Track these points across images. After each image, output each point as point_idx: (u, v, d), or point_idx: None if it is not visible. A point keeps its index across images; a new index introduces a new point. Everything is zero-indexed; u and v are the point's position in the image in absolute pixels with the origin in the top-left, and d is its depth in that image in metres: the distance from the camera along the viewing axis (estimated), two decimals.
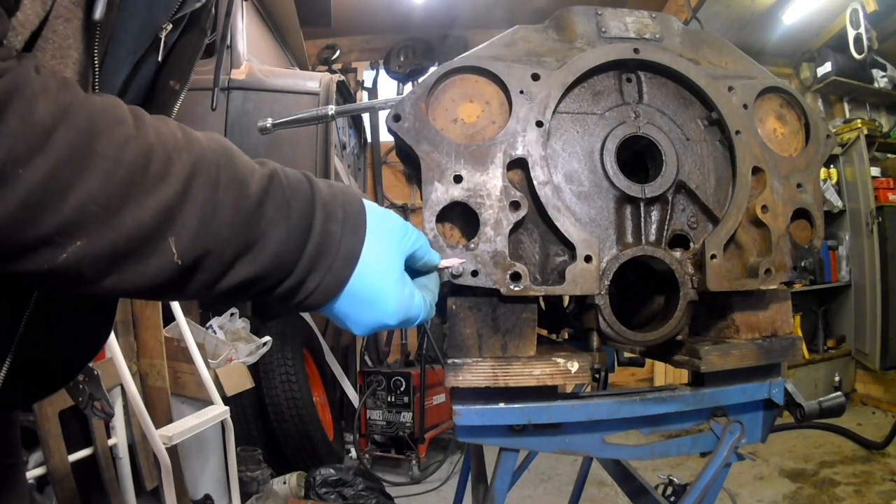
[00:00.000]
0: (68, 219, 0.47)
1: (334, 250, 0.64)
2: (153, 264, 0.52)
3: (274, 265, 0.60)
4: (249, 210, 0.57)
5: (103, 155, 0.49)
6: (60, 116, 0.47)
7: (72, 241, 0.48)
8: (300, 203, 0.62)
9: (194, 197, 0.53)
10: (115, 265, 0.51)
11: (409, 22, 5.53)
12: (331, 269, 0.64)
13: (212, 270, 0.56)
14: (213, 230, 0.54)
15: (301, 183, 0.63)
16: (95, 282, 0.51)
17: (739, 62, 1.06)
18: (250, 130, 3.01)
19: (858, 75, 5.19)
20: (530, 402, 0.91)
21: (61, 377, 0.84)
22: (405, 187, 5.77)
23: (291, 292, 0.63)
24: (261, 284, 0.61)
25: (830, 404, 1.04)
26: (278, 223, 0.59)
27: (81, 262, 0.49)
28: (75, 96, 0.50)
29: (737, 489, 3.28)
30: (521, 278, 0.88)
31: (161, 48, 0.73)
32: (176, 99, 0.83)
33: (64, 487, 2.08)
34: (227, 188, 0.56)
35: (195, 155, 0.55)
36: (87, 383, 1.20)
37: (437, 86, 0.92)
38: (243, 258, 0.58)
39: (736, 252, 0.98)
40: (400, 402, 3.94)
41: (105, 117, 0.50)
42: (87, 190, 0.47)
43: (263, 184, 0.59)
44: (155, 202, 0.51)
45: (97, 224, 0.48)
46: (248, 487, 2.95)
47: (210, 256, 0.55)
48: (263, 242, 0.58)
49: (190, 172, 0.53)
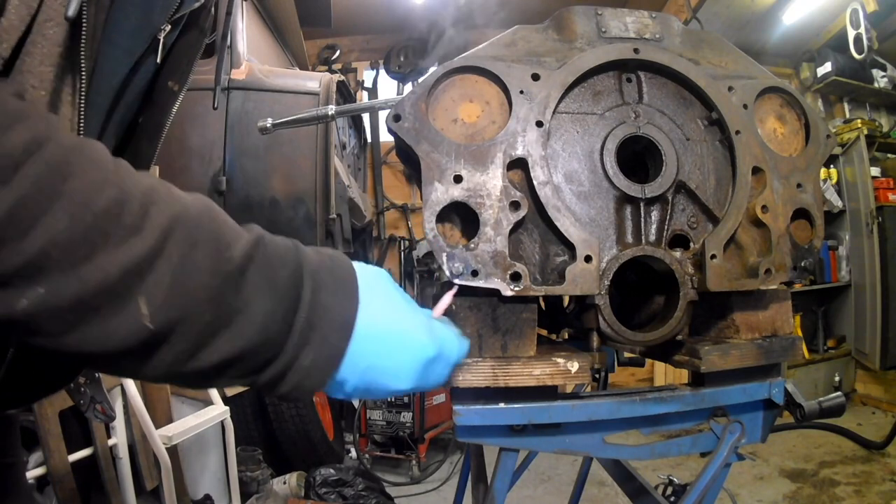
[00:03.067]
0: (28, 261, 0.43)
1: (327, 321, 0.57)
2: (121, 325, 0.47)
3: (260, 341, 0.54)
4: (231, 275, 0.52)
5: (72, 197, 0.45)
6: (33, 149, 0.44)
7: (31, 287, 0.44)
8: (287, 272, 0.56)
9: (169, 254, 0.49)
10: (78, 321, 0.46)
11: (409, 22, 5.53)
12: (325, 341, 0.57)
13: (187, 340, 0.50)
14: (189, 292, 0.49)
15: (288, 250, 0.58)
16: (57, 336, 0.46)
17: (739, 62, 1.06)
18: (250, 130, 3.02)
19: (858, 75, 5.19)
20: (530, 402, 0.91)
21: (61, 377, 0.84)
22: (405, 187, 5.77)
23: (281, 375, 0.56)
24: (245, 365, 0.54)
25: (830, 404, 1.04)
26: (263, 292, 0.54)
27: (41, 311, 0.45)
28: (53, 131, 0.46)
29: (737, 489, 3.28)
30: (521, 278, 0.88)
31: (160, 49, 0.73)
32: (175, 99, 0.82)
33: (64, 487, 2.08)
34: (207, 249, 0.51)
35: (175, 210, 0.50)
36: (89, 385, 1.21)
37: (437, 86, 0.92)
38: (224, 331, 0.52)
39: (736, 252, 0.98)
40: (400, 401, 3.94)
41: (80, 157, 0.47)
42: (50, 232, 0.44)
43: (247, 249, 0.54)
44: (125, 255, 0.47)
45: (59, 271, 0.44)
46: (248, 487, 2.95)
47: (185, 323, 0.50)
48: (247, 314, 0.53)
49: (167, 228, 0.49)
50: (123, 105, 0.74)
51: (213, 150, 3.04)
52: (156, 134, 0.83)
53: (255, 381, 0.57)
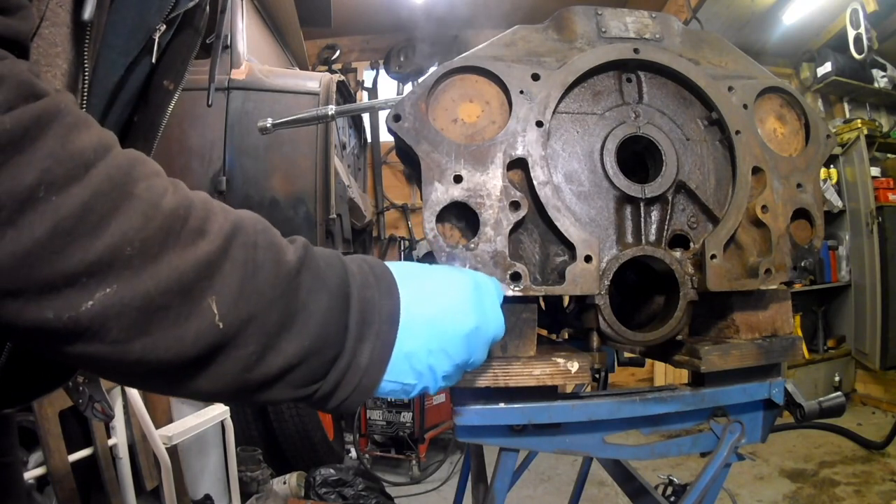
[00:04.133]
0: (100, 257, 0.42)
1: (378, 316, 0.59)
2: (192, 326, 0.47)
3: (322, 340, 0.54)
4: (290, 275, 0.53)
5: (142, 198, 0.45)
6: (102, 152, 0.45)
7: (101, 286, 0.43)
8: (335, 273, 0.58)
9: (234, 256, 0.49)
10: (148, 322, 0.45)
11: (409, 22, 5.52)
12: (378, 335, 0.59)
13: (256, 342, 0.50)
14: (256, 292, 0.50)
15: (331, 255, 0.60)
16: (122, 342, 0.45)
17: (739, 62, 1.06)
18: (250, 130, 3.02)
19: (858, 75, 5.19)
20: (530, 402, 0.91)
21: (59, 376, 0.84)
22: (405, 187, 5.77)
23: (343, 376, 0.57)
24: (310, 368, 0.55)
25: (830, 404, 1.04)
26: (318, 293, 0.55)
27: (110, 312, 0.43)
28: (115, 140, 0.48)
29: (737, 489, 3.28)
30: (521, 278, 0.87)
31: (155, 49, 0.73)
32: (170, 99, 0.82)
33: (64, 487, 2.08)
34: (267, 251, 0.52)
35: (233, 217, 0.52)
36: (87, 385, 1.20)
37: (437, 86, 0.92)
38: (287, 333, 0.52)
39: (736, 252, 0.98)
40: (400, 401, 3.94)
41: (145, 166, 0.48)
42: (123, 228, 0.44)
43: (300, 253, 0.56)
44: (194, 255, 0.47)
45: (131, 269, 0.44)
46: (248, 487, 2.95)
47: (254, 323, 0.50)
48: (307, 314, 0.54)
49: (230, 232, 0.50)
50: (119, 105, 0.74)
51: (213, 150, 3.04)
52: (151, 133, 0.83)
53: (318, 389, 0.56)
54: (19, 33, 0.47)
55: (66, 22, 0.60)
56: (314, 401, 0.58)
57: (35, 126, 0.41)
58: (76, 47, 0.61)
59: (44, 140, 0.41)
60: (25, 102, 0.42)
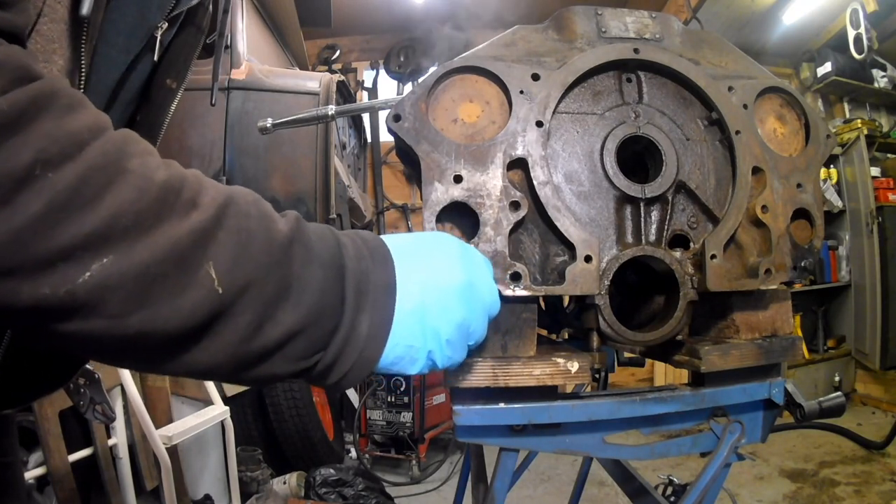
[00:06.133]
0: (95, 230, 0.43)
1: (373, 286, 0.59)
2: (190, 297, 0.47)
3: (319, 308, 0.55)
4: (283, 246, 0.54)
5: (136, 172, 0.46)
6: (96, 131, 0.46)
7: (97, 258, 0.43)
8: (327, 244, 0.58)
9: (228, 225, 0.50)
10: (146, 294, 0.45)
11: (409, 22, 5.53)
12: (376, 305, 0.59)
13: (253, 311, 0.51)
14: (252, 258, 0.51)
15: (323, 228, 0.60)
16: (120, 316, 0.45)
17: (739, 62, 1.06)
18: (250, 130, 3.02)
19: (858, 75, 5.19)
20: (530, 402, 0.91)
21: (59, 377, 0.84)
22: (405, 187, 5.78)
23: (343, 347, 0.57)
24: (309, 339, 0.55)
25: (830, 404, 1.04)
26: (312, 264, 0.55)
27: (106, 284, 0.43)
28: (109, 121, 0.49)
29: (737, 489, 3.28)
30: (521, 278, 0.88)
31: (157, 47, 0.73)
32: (173, 97, 0.82)
33: (64, 487, 2.08)
34: (260, 221, 0.53)
35: (225, 190, 0.53)
36: (88, 387, 1.20)
37: (437, 86, 0.92)
38: (284, 302, 0.52)
39: (736, 252, 0.98)
40: (400, 402, 3.94)
41: (138, 145, 0.49)
42: (117, 202, 0.44)
43: (292, 224, 0.56)
44: (190, 223, 0.48)
45: (127, 241, 0.44)
46: (248, 487, 2.95)
47: (251, 291, 0.50)
48: (302, 284, 0.54)
49: (222, 202, 0.51)
50: (120, 103, 0.74)
51: (213, 149, 3.04)
52: (153, 132, 0.83)
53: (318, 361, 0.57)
54: (16, 27, 0.48)
55: (64, 18, 0.60)
56: (315, 374, 0.58)
57: (31, 108, 0.42)
58: (73, 43, 0.62)
59: (39, 121, 0.43)
60: (20, 85, 0.43)
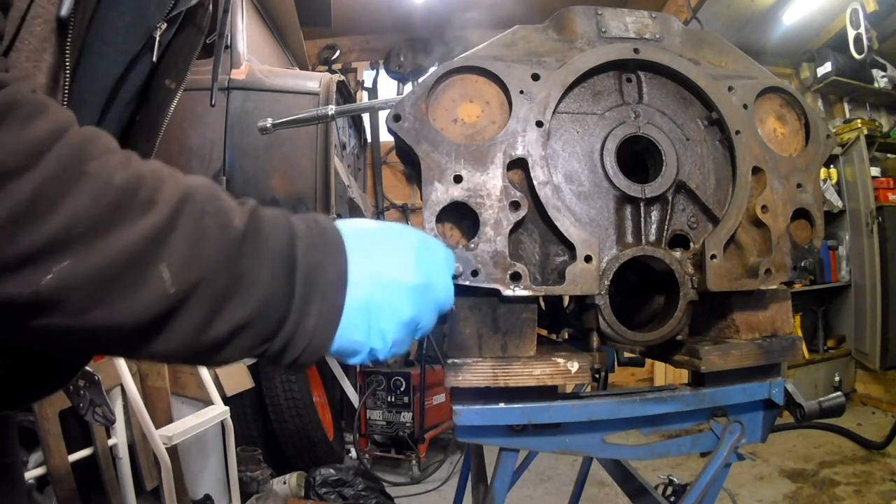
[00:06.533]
0: (54, 236, 0.45)
1: (322, 278, 0.60)
2: (143, 295, 0.50)
3: (267, 303, 0.56)
4: (235, 242, 0.55)
5: (93, 176, 0.48)
6: (55, 137, 0.47)
7: (56, 261, 0.46)
8: (281, 238, 0.59)
9: (182, 224, 0.52)
10: (103, 293, 0.48)
11: (409, 22, 5.52)
12: (325, 297, 0.60)
13: (204, 306, 0.53)
14: (203, 257, 0.53)
15: (278, 217, 0.61)
16: (81, 313, 0.48)
17: (739, 62, 1.06)
18: (250, 130, 3.01)
19: (858, 75, 5.19)
20: (530, 402, 0.91)
21: (59, 378, 0.84)
22: (405, 187, 5.77)
23: (290, 338, 0.59)
24: (257, 331, 0.57)
25: (830, 404, 1.04)
26: (264, 258, 0.57)
27: (67, 285, 0.46)
28: (72, 121, 0.50)
29: (737, 489, 3.27)
30: (521, 278, 0.87)
31: (156, 47, 0.73)
32: (172, 98, 0.82)
33: (64, 487, 2.08)
34: (214, 219, 0.54)
35: (181, 186, 0.54)
36: (88, 389, 1.20)
37: (437, 86, 0.92)
38: (235, 297, 0.54)
39: (736, 252, 0.98)
40: (400, 402, 3.94)
41: (97, 145, 0.50)
42: (74, 208, 0.46)
43: (246, 219, 0.57)
44: (144, 226, 0.50)
45: (84, 245, 0.47)
46: (248, 487, 2.95)
47: (201, 288, 0.52)
48: (252, 279, 0.55)
49: (177, 202, 0.52)
50: (119, 103, 0.74)
51: (213, 149, 3.04)
52: (153, 132, 0.83)
53: (267, 349, 0.59)
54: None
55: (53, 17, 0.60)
56: (266, 359, 0.61)
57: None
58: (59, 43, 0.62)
59: None
60: None
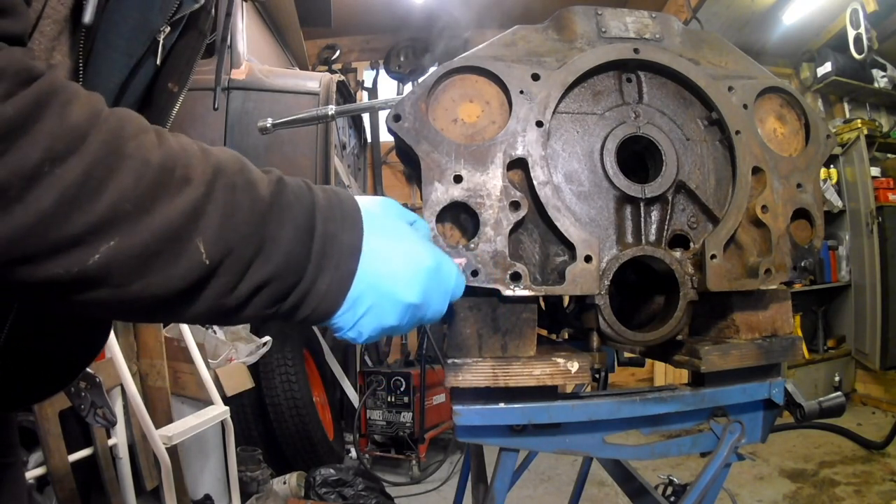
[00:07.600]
0: (101, 217, 0.48)
1: (337, 249, 0.64)
2: (181, 267, 0.53)
3: (285, 266, 0.60)
4: (262, 211, 0.59)
5: (134, 157, 0.50)
6: (94, 120, 0.49)
7: (104, 241, 0.48)
8: (303, 207, 0.63)
9: (216, 199, 0.55)
10: (145, 267, 0.51)
11: (409, 22, 5.52)
12: (337, 266, 0.64)
13: (232, 271, 0.57)
14: (234, 229, 0.56)
15: (301, 188, 0.65)
16: (124, 286, 0.51)
17: (739, 62, 1.06)
18: (250, 130, 3.02)
19: (858, 75, 5.19)
20: (530, 402, 0.91)
21: (59, 380, 0.84)
22: (405, 187, 5.77)
23: (302, 299, 0.63)
24: (273, 290, 0.61)
25: (830, 404, 1.04)
26: (286, 226, 0.61)
27: (112, 262, 0.49)
28: (102, 103, 0.52)
29: (737, 489, 3.27)
30: (521, 278, 0.88)
31: (159, 51, 0.73)
32: (175, 101, 0.82)
33: (64, 487, 2.08)
34: (244, 191, 0.58)
35: (213, 161, 0.57)
36: (89, 390, 1.20)
37: (437, 86, 0.92)
38: (257, 260, 0.58)
39: (736, 252, 0.98)
40: (400, 402, 3.94)
41: (132, 125, 0.53)
42: (119, 189, 0.49)
43: (272, 188, 0.61)
44: (182, 202, 0.52)
45: (129, 223, 0.49)
46: (248, 487, 2.95)
47: (231, 256, 0.56)
48: (274, 243, 0.59)
49: (211, 176, 0.55)
50: (123, 106, 0.74)
51: None
52: None
53: (279, 307, 0.62)
54: (16, 32, 0.50)
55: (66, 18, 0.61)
56: (277, 317, 0.64)
57: (35, 108, 0.45)
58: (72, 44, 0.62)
59: (43, 120, 0.46)
60: (23, 87, 0.45)
